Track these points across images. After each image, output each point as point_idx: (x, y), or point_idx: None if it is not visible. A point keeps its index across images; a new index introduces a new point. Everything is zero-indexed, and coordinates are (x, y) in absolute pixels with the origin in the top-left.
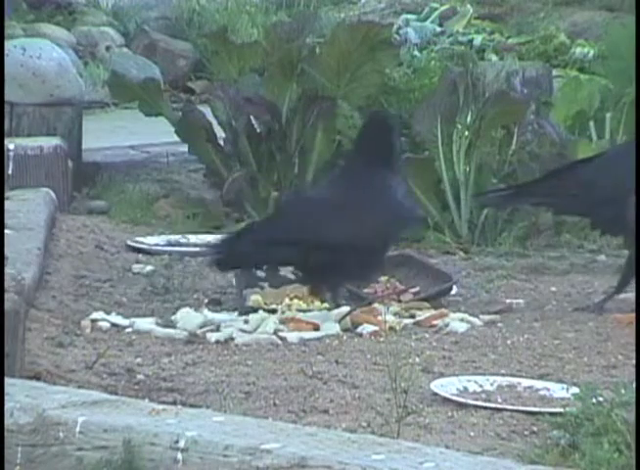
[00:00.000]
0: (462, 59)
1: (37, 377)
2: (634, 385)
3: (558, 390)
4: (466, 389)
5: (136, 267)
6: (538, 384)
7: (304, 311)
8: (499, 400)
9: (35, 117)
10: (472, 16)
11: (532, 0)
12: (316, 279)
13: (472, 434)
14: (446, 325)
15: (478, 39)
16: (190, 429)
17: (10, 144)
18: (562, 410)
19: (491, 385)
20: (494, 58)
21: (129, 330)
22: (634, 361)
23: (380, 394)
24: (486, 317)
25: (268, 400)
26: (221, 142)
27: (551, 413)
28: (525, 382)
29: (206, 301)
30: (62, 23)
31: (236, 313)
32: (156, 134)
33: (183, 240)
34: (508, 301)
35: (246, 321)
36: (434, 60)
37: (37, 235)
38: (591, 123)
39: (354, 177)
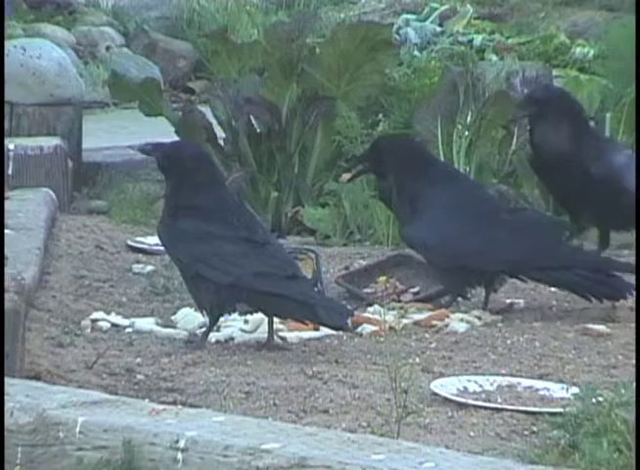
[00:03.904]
0: (462, 59)
1: (37, 377)
2: (634, 385)
3: (558, 390)
4: (466, 389)
5: (136, 267)
6: (538, 384)
7: None
8: (499, 400)
9: (35, 117)
10: (472, 16)
11: (532, 0)
12: None
13: (472, 434)
14: (446, 325)
15: (478, 39)
16: (190, 429)
17: (10, 144)
18: (562, 410)
19: (491, 385)
20: (494, 58)
21: (129, 330)
22: (634, 361)
23: (380, 394)
24: (488, 317)
25: (268, 400)
26: (221, 142)
27: (551, 413)
28: (525, 382)
29: None
30: (62, 23)
31: (236, 313)
32: (156, 134)
33: None
34: (508, 301)
35: (246, 321)
36: (434, 60)
37: (37, 235)
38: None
39: None
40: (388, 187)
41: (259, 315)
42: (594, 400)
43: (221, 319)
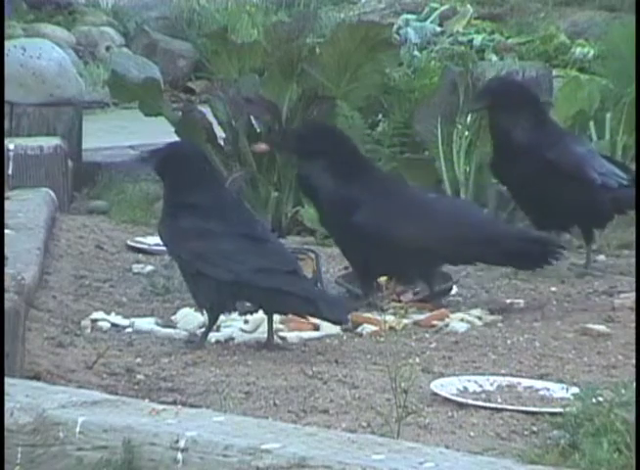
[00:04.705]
0: (462, 59)
1: (37, 377)
2: (634, 385)
3: (558, 390)
4: (466, 389)
5: (136, 267)
6: (538, 384)
7: None
8: (499, 400)
9: (35, 117)
10: (472, 16)
11: (532, 0)
12: None
13: (472, 434)
14: (446, 325)
15: (478, 39)
16: (190, 429)
17: (10, 144)
18: (562, 410)
19: (491, 385)
20: (494, 58)
21: (129, 330)
22: (634, 361)
23: (380, 394)
24: (488, 317)
25: (268, 400)
26: (221, 142)
27: (551, 413)
28: (525, 382)
29: None
30: (62, 23)
31: (236, 313)
32: (156, 134)
33: None
34: (508, 301)
35: (246, 321)
36: (434, 60)
37: (37, 235)
38: (591, 123)
39: None
40: (311, 171)
41: (259, 315)
42: (594, 400)
43: (221, 319)
